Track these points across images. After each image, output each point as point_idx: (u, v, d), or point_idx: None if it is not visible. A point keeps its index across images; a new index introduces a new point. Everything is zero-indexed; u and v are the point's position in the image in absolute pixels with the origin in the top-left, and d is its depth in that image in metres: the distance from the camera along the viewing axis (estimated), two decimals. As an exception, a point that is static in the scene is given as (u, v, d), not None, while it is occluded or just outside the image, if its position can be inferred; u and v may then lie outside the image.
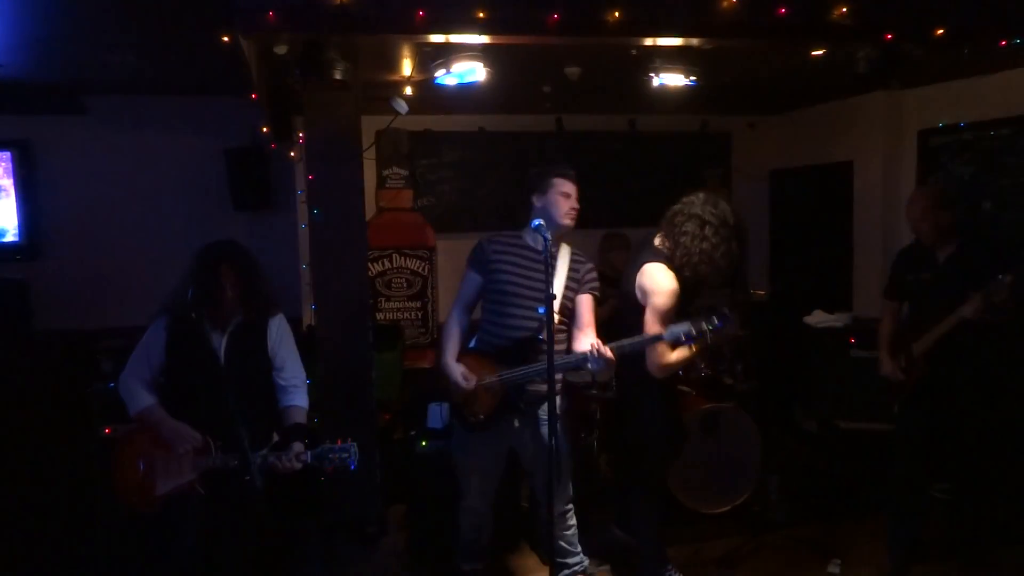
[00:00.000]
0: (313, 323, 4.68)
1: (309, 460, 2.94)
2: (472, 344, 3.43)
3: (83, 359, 4.83)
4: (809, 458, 5.15)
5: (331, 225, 4.11)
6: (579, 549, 3.56)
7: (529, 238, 3.34)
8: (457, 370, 3.25)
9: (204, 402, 2.94)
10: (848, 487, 4.76)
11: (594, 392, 4.78)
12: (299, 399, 3.14)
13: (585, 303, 3.34)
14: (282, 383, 3.13)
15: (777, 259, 6.88)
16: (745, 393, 4.87)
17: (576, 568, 3.54)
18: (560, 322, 3.26)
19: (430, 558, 3.99)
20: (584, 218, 6.46)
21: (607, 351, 3.04)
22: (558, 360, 3.06)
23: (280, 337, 3.14)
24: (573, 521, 3.52)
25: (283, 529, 4.24)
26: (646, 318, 3.21)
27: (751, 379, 5.04)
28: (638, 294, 3.28)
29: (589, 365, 3.09)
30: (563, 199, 3.28)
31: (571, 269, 3.32)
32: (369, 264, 5.03)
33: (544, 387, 3.00)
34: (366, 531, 4.32)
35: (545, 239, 2.88)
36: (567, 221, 3.30)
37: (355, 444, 2.95)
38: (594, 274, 3.39)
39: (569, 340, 3.34)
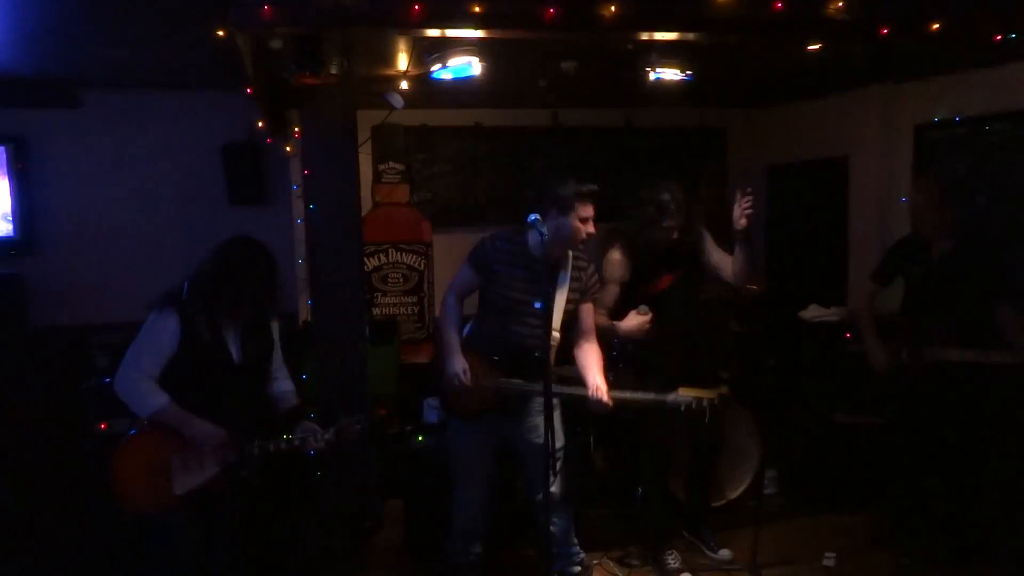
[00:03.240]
0: (309, 318, 4.67)
1: (333, 438, 3.03)
2: (467, 332, 3.42)
3: (78, 355, 4.84)
4: (805, 452, 5.16)
5: (327, 220, 4.10)
6: (575, 542, 3.57)
7: (532, 240, 3.23)
8: (460, 364, 3.21)
9: (216, 396, 2.90)
10: (843, 480, 4.77)
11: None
12: (289, 383, 3.22)
13: (586, 310, 3.38)
14: (273, 372, 3.16)
15: (773, 254, 6.89)
16: (736, 383, 4.88)
17: (573, 560, 3.55)
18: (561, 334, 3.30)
19: (426, 553, 3.99)
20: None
21: (607, 398, 3.17)
22: (556, 388, 3.16)
23: (278, 337, 3.18)
24: (569, 514, 3.53)
25: (280, 523, 4.25)
26: None
27: (745, 371, 5.05)
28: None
29: (587, 404, 3.22)
30: (582, 225, 3.17)
31: (573, 279, 3.31)
32: (365, 259, 5.02)
33: (538, 398, 3.15)
34: (363, 526, 4.33)
35: (542, 234, 2.89)
36: (578, 246, 3.27)
37: (364, 414, 3.12)
38: (596, 278, 3.41)
39: (568, 344, 3.37)
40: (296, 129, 5.08)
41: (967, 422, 3.69)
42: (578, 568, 3.56)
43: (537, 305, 3.12)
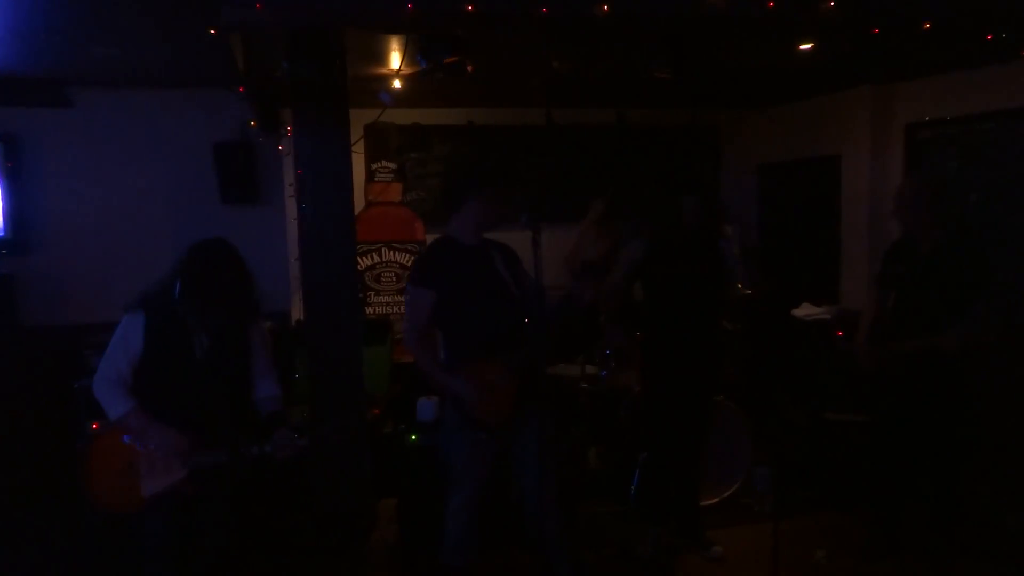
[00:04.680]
0: (302, 317, 4.66)
1: (307, 444, 2.96)
2: (444, 359, 3.37)
3: (69, 354, 4.81)
4: (797, 449, 5.18)
5: (320, 219, 4.09)
6: (567, 542, 3.56)
7: (457, 235, 3.34)
8: (460, 381, 3.22)
9: (184, 399, 2.88)
10: (836, 478, 4.79)
11: (584, 385, 4.80)
12: (273, 388, 3.12)
13: (526, 275, 3.46)
14: (256, 377, 3.09)
15: (765, 252, 6.91)
16: (730, 382, 4.89)
17: (565, 561, 3.55)
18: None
19: (421, 552, 3.99)
20: (575, 211, 6.49)
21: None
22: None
23: (261, 346, 3.10)
24: (561, 514, 3.52)
25: (274, 523, 4.24)
26: None
27: (740, 371, 5.07)
28: None
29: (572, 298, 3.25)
30: (493, 206, 3.30)
31: (504, 256, 3.40)
32: (358, 258, 5.01)
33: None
34: (357, 525, 4.32)
35: (537, 230, 3.01)
36: (494, 226, 3.37)
37: (346, 418, 3.05)
38: (519, 259, 3.48)
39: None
40: (288, 128, 5.07)
41: (935, 416, 3.70)
42: (570, 569, 3.55)
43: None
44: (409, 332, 3.33)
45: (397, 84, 4.69)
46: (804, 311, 5.63)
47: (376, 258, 5.82)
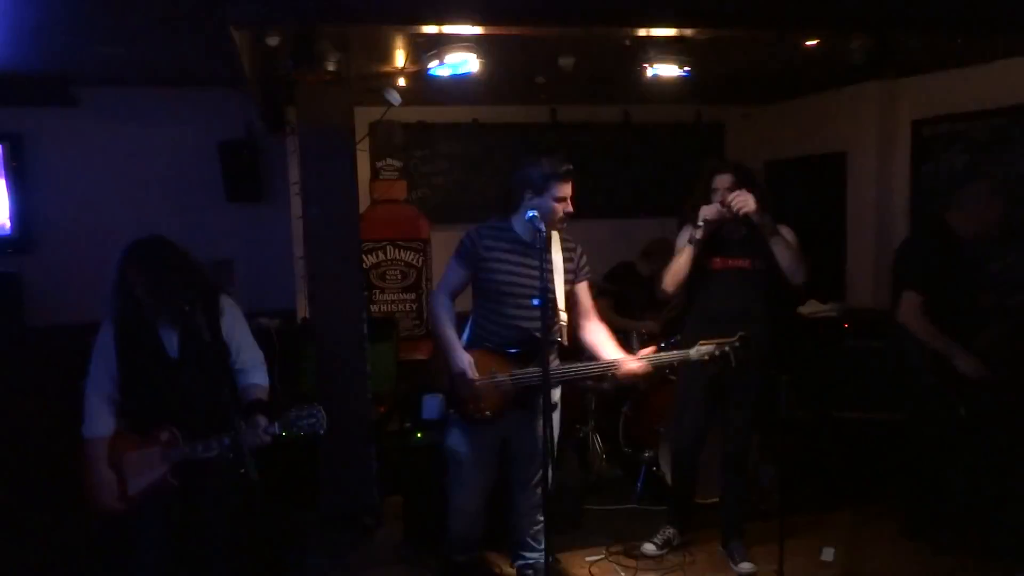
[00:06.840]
0: (307, 315, 4.67)
1: (277, 431, 2.88)
2: (466, 338, 3.32)
3: (75, 353, 4.80)
4: (803, 447, 5.16)
5: (325, 217, 4.10)
6: (541, 546, 3.40)
7: (518, 227, 3.23)
8: (465, 357, 3.14)
9: (161, 395, 2.93)
10: (841, 476, 4.78)
11: (590, 383, 4.79)
12: (257, 377, 3.07)
13: (583, 289, 3.38)
14: (238, 366, 3.04)
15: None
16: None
17: (532, 560, 3.54)
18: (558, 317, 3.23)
19: (426, 549, 3.99)
20: (578, 210, 6.50)
21: (635, 366, 3.21)
22: (582, 367, 3.25)
23: (232, 325, 3.05)
24: (541, 517, 3.41)
25: (280, 520, 4.24)
26: None
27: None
28: None
29: (617, 376, 3.25)
30: (559, 204, 3.15)
31: (566, 259, 3.28)
32: (363, 256, 5.01)
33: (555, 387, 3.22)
34: (363, 522, 4.33)
35: (540, 231, 2.94)
36: (560, 225, 3.23)
37: (321, 408, 2.89)
38: (585, 259, 3.39)
39: (572, 328, 3.32)
40: (293, 126, 5.07)
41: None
42: (531, 572, 3.54)
43: (535, 302, 3.03)
44: (437, 292, 3.33)
45: (402, 82, 4.69)
46: (810, 308, 5.61)
47: (381, 256, 5.82)
